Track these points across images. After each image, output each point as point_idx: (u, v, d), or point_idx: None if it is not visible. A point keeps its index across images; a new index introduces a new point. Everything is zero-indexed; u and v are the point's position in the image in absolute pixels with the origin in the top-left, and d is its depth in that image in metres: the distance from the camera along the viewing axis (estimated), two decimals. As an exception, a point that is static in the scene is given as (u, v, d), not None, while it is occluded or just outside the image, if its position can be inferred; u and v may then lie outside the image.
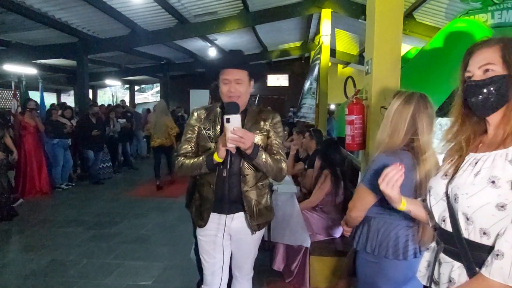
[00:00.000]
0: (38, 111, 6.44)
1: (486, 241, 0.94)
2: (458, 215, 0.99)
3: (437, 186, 1.09)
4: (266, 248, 3.10)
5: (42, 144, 6.16)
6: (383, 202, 1.56)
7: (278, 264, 3.00)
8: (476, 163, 0.97)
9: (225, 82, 1.75)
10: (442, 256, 1.07)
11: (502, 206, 0.89)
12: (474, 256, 0.96)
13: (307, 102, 6.61)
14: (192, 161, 1.76)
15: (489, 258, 0.91)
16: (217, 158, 1.65)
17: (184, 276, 3.13)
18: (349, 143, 2.51)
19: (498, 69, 0.96)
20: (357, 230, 1.68)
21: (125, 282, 3.07)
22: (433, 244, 1.16)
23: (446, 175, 1.06)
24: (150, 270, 3.27)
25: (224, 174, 1.70)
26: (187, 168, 1.77)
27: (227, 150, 1.62)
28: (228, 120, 1.55)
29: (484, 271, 0.91)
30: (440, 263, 1.09)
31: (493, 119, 1.01)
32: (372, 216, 1.61)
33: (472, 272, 0.96)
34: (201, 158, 1.73)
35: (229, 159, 1.64)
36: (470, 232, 0.97)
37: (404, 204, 1.21)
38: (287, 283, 2.93)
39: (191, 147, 1.83)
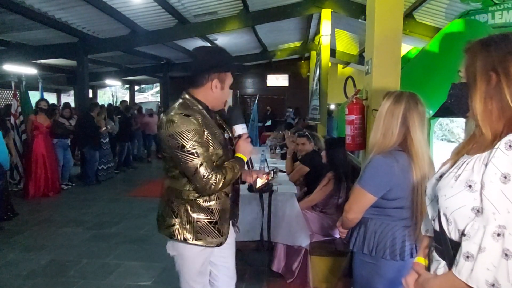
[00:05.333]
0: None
1: None
2: (440, 215, 1.02)
3: (430, 187, 1.11)
4: (266, 249, 3.10)
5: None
6: (380, 203, 1.57)
7: (278, 265, 3.00)
8: (461, 165, 0.99)
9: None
10: (433, 254, 1.10)
11: (478, 210, 0.91)
12: (456, 255, 0.98)
13: (315, 103, 6.63)
14: (231, 173, 1.61)
15: (457, 257, 0.93)
16: (245, 158, 1.72)
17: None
18: (349, 143, 2.51)
19: (463, 76, 1.02)
20: (353, 231, 1.68)
21: (125, 282, 3.06)
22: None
23: (440, 176, 1.08)
24: (150, 271, 3.27)
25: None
26: (228, 183, 1.61)
27: None
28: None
29: (454, 270, 0.93)
30: (431, 261, 1.12)
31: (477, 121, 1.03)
32: (369, 217, 1.61)
33: None
34: (235, 166, 1.64)
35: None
36: (451, 232, 0.99)
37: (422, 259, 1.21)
38: (288, 283, 2.93)
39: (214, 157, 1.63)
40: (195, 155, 1.52)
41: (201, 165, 1.52)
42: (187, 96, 1.68)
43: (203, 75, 1.65)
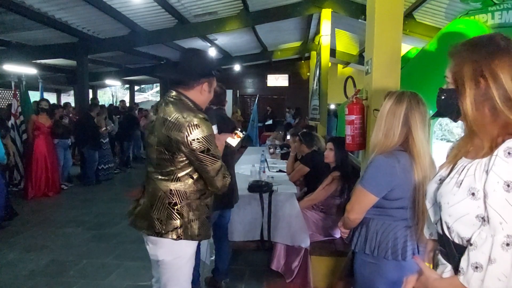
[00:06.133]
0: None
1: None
2: (443, 221, 1.01)
3: (431, 191, 1.10)
4: (266, 248, 3.10)
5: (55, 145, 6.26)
6: (382, 203, 1.57)
7: (277, 264, 3.00)
8: (462, 171, 0.99)
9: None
10: (439, 258, 1.09)
11: (482, 218, 0.90)
12: (460, 258, 0.97)
13: (315, 103, 6.64)
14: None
15: (464, 266, 0.92)
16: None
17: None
18: (349, 143, 2.51)
19: (450, 81, 1.02)
20: (355, 231, 1.68)
21: (125, 282, 3.07)
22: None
23: (440, 180, 1.07)
24: (149, 271, 3.21)
25: None
26: None
27: None
28: None
29: (462, 279, 0.92)
30: (437, 265, 1.11)
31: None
32: (370, 217, 1.61)
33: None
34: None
35: None
36: (454, 237, 0.99)
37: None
38: (287, 283, 2.93)
39: None
40: (217, 158, 1.63)
41: (221, 166, 1.65)
42: (183, 98, 1.70)
43: (195, 79, 1.70)
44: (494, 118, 0.93)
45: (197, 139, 1.55)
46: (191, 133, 1.54)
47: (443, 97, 1.04)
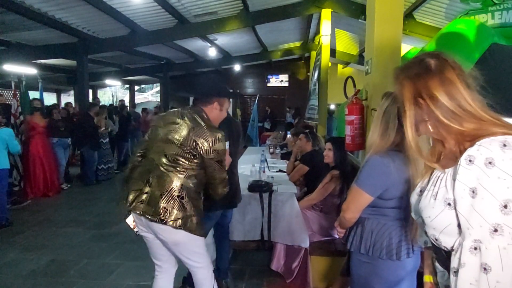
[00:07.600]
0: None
1: None
2: (429, 234, 1.04)
3: (414, 202, 1.13)
4: (266, 248, 3.10)
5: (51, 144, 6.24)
6: (377, 203, 1.57)
7: (277, 264, 3.00)
8: (436, 182, 1.02)
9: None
10: (437, 265, 1.11)
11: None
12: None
13: (313, 103, 6.64)
14: None
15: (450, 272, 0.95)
16: None
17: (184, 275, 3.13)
18: (349, 143, 2.51)
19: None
20: (350, 231, 1.69)
21: (125, 282, 3.07)
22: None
23: (420, 191, 1.10)
24: (150, 270, 3.25)
25: None
26: None
27: None
28: None
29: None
30: (436, 272, 1.13)
31: None
32: (366, 217, 1.62)
33: None
34: None
35: None
36: (443, 247, 1.01)
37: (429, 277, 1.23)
38: (287, 283, 2.93)
39: None
40: (225, 169, 2.03)
41: (225, 178, 2.03)
42: (203, 114, 2.04)
43: (207, 97, 2.09)
44: (446, 130, 0.98)
45: (217, 150, 1.93)
46: (215, 144, 1.92)
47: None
